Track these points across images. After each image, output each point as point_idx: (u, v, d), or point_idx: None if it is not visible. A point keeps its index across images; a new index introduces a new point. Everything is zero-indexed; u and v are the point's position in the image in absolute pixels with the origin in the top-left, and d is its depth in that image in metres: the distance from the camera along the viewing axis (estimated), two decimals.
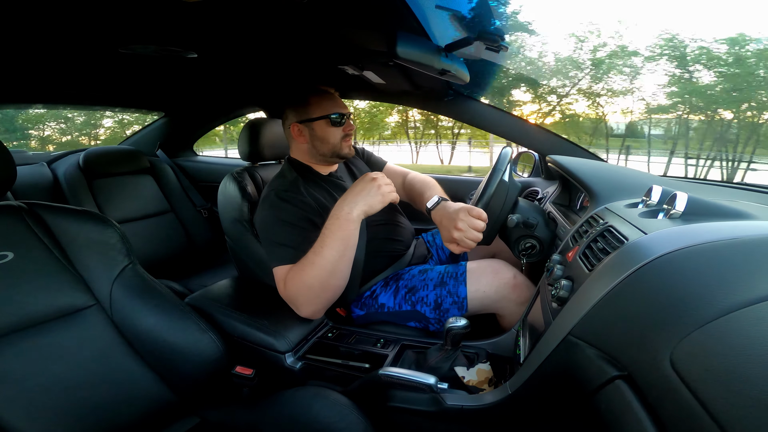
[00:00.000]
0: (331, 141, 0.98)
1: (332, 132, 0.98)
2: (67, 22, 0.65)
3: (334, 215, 0.82)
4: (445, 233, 0.84)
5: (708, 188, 1.01)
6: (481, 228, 0.81)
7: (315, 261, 0.81)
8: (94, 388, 0.65)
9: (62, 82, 1.26)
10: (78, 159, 1.59)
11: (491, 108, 1.32)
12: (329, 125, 0.97)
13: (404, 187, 1.15)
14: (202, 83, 1.44)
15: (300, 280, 0.83)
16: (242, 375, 0.84)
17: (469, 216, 0.81)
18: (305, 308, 0.86)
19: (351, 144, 1.02)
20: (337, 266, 0.82)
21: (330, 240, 0.81)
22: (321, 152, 1.00)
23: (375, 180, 0.84)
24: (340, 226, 0.81)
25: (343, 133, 0.99)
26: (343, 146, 1.00)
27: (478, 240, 0.81)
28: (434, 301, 0.93)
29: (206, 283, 1.36)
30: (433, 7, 0.64)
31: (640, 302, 0.44)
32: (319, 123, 0.97)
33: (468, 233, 0.80)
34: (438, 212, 0.88)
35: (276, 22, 0.67)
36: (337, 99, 1.00)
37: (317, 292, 0.84)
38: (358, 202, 0.82)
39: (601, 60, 10.15)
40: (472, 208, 0.82)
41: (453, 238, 0.81)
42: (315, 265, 0.81)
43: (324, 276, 0.81)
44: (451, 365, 0.80)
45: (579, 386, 0.51)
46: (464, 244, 0.81)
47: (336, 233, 0.81)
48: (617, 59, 10.12)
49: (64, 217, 0.72)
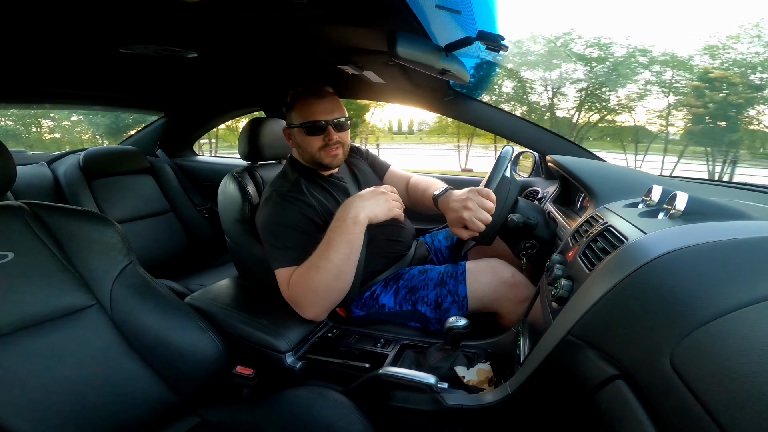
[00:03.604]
0: (308, 150, 0.95)
1: (308, 141, 0.94)
2: (67, 22, 0.65)
3: (339, 218, 0.81)
4: (453, 216, 0.82)
5: (708, 188, 1.01)
6: (490, 208, 0.79)
7: (320, 264, 0.80)
8: (94, 388, 0.65)
9: (63, 82, 1.26)
10: (78, 159, 1.59)
11: (491, 108, 1.32)
12: (305, 134, 0.94)
13: (408, 190, 1.14)
14: (202, 83, 1.44)
15: (304, 283, 0.82)
16: (242, 375, 0.84)
17: (478, 195, 0.80)
18: (309, 310, 0.86)
19: (335, 154, 0.95)
20: (342, 269, 0.81)
21: (336, 243, 0.80)
22: (303, 158, 1.00)
23: (384, 192, 0.83)
24: (346, 229, 0.79)
25: (323, 142, 0.94)
26: (323, 156, 0.95)
27: (487, 221, 0.79)
28: (434, 300, 0.93)
29: (206, 283, 1.36)
30: (433, 7, 0.64)
31: (640, 302, 0.44)
32: (298, 130, 0.95)
33: (477, 213, 0.78)
34: (445, 198, 0.87)
35: (276, 22, 0.67)
36: (320, 104, 0.93)
37: (322, 295, 0.83)
38: (365, 207, 0.81)
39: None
40: (481, 189, 0.81)
41: (462, 218, 0.79)
42: (320, 269, 0.80)
43: (329, 279, 0.81)
44: (451, 365, 0.80)
45: (579, 386, 0.51)
46: (473, 225, 0.79)
47: (342, 236, 0.80)
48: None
49: (64, 217, 0.72)
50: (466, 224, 0.80)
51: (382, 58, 0.88)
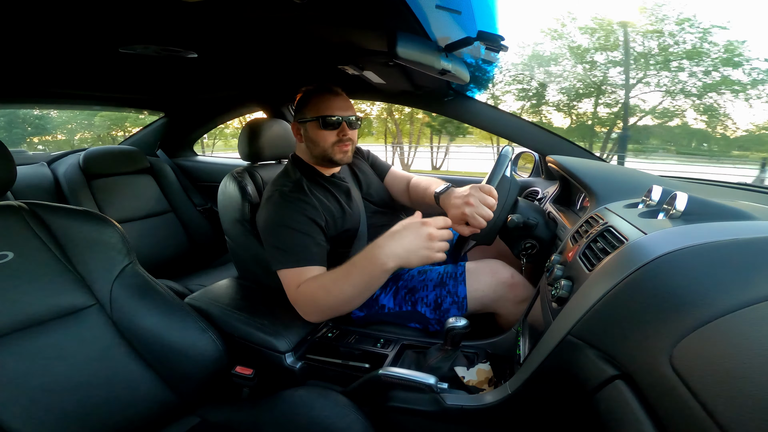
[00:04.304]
0: (321, 144, 0.95)
1: (323, 135, 0.95)
2: (67, 22, 0.65)
3: (368, 257, 0.76)
4: (455, 212, 0.81)
5: (708, 188, 1.01)
6: (492, 204, 0.79)
7: (332, 289, 0.79)
8: (94, 388, 0.65)
9: (63, 82, 1.26)
10: (78, 159, 1.59)
11: (491, 108, 1.32)
12: (320, 127, 0.94)
13: (409, 190, 1.14)
14: (202, 83, 1.44)
15: (311, 298, 0.83)
16: (242, 375, 0.84)
17: (480, 192, 0.80)
18: (311, 317, 0.87)
19: (346, 150, 0.97)
20: (354, 299, 0.80)
21: (354, 278, 0.77)
22: (313, 154, 0.99)
23: (429, 234, 0.73)
24: (371, 272, 0.76)
25: (337, 137, 0.95)
26: (335, 151, 0.96)
27: (489, 217, 0.78)
28: (434, 301, 0.93)
29: (206, 283, 1.36)
30: (433, 7, 0.64)
31: (639, 302, 0.44)
32: (312, 124, 0.95)
33: (479, 208, 0.78)
34: (447, 196, 0.87)
35: (276, 21, 0.67)
36: (336, 101, 0.96)
37: (327, 312, 0.84)
38: (398, 255, 0.73)
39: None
40: (483, 185, 0.81)
41: (464, 214, 0.79)
42: (331, 293, 0.80)
43: (337, 304, 0.81)
44: (451, 365, 0.80)
45: (579, 386, 0.51)
46: (475, 221, 0.78)
47: (363, 275, 0.77)
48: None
49: (64, 217, 0.72)
50: (467, 220, 0.79)
51: (382, 58, 0.88)
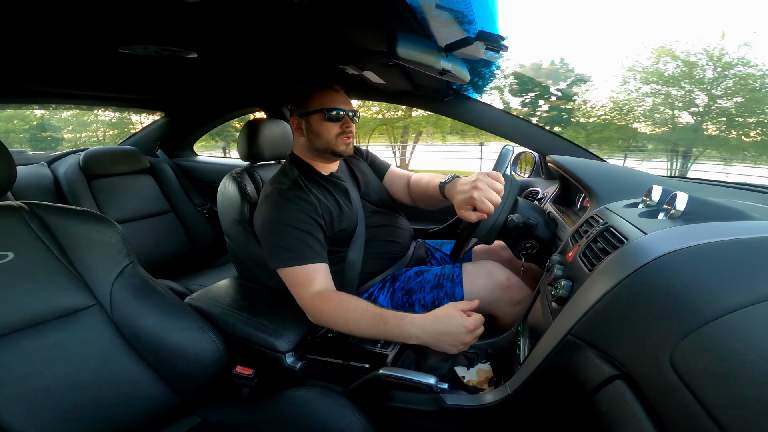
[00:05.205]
0: (325, 136, 0.96)
1: (327, 127, 0.96)
2: (67, 21, 0.65)
3: (399, 324, 0.77)
4: (462, 198, 0.80)
5: (708, 188, 1.01)
6: (499, 189, 0.79)
7: (349, 324, 0.81)
8: (95, 388, 0.65)
9: (63, 82, 1.26)
10: (78, 159, 1.59)
11: (491, 108, 1.32)
12: (324, 119, 0.95)
13: (409, 187, 1.14)
14: (202, 83, 1.44)
15: (326, 318, 0.84)
16: (242, 375, 0.84)
17: (487, 177, 0.80)
18: (316, 322, 0.87)
19: (349, 143, 0.99)
20: (362, 335, 0.82)
21: (375, 330, 0.79)
22: (316, 147, 0.98)
23: (467, 327, 0.74)
24: (394, 336, 0.78)
25: (340, 130, 0.97)
26: (338, 142, 0.97)
27: (497, 203, 0.78)
28: (431, 303, 0.93)
29: (206, 283, 1.36)
30: (433, 7, 0.64)
31: (640, 302, 0.44)
32: (315, 116, 0.96)
33: (487, 192, 0.77)
34: (452, 185, 0.87)
35: (276, 21, 0.67)
36: (338, 95, 0.98)
37: (331, 327, 0.86)
38: (427, 338, 0.75)
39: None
40: (491, 171, 0.82)
41: (471, 198, 0.78)
42: (347, 327, 0.81)
43: (346, 329, 0.83)
44: (451, 365, 0.80)
45: (579, 386, 0.51)
46: (483, 206, 0.77)
47: (384, 333, 0.79)
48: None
49: (64, 217, 0.72)
50: (476, 204, 0.78)
51: (382, 58, 0.88)
